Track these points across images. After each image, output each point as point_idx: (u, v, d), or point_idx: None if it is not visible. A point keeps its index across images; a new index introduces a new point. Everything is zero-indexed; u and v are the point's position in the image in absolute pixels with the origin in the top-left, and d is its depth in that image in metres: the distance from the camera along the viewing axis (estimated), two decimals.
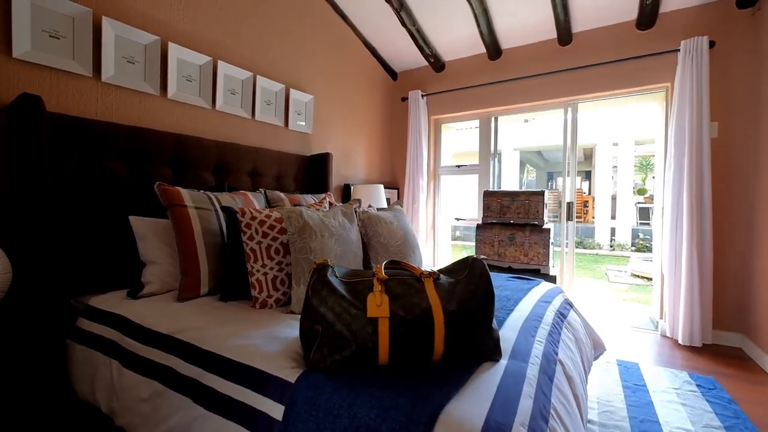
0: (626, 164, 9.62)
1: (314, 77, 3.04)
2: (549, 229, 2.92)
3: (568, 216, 3.28)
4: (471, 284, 0.95)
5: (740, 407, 1.83)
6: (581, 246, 9.50)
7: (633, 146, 9.68)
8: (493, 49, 3.43)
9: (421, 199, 3.79)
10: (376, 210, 2.09)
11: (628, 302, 4.42)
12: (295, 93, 2.79)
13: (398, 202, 2.19)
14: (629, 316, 3.44)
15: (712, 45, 2.58)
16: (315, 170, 2.86)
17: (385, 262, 1.03)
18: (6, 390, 1.18)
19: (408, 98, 3.88)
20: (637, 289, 5.27)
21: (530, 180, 14.75)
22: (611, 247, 9.40)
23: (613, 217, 9.90)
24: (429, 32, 3.40)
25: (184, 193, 1.62)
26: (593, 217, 10.51)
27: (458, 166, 3.98)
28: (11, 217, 1.43)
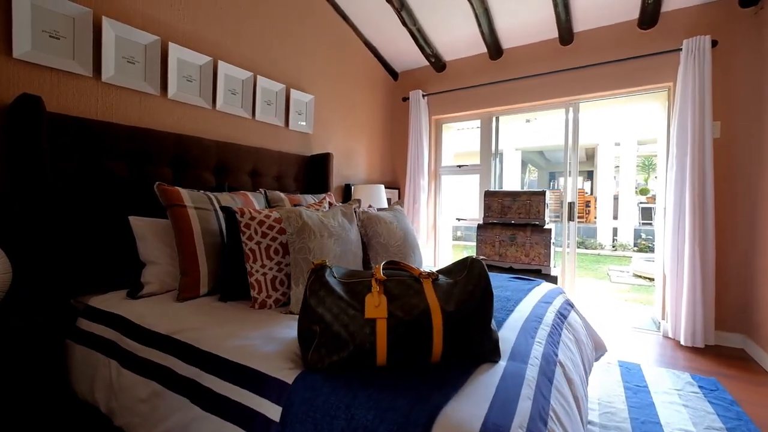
0: (628, 164, 9.59)
1: (315, 77, 3.03)
2: (550, 229, 2.91)
3: (570, 216, 3.27)
4: (470, 285, 0.94)
5: (743, 409, 1.82)
6: (583, 246, 9.47)
7: (635, 146, 9.65)
8: (494, 49, 3.42)
9: (422, 199, 3.79)
10: (377, 210, 2.08)
11: (630, 303, 4.40)
12: (296, 93, 2.79)
13: (398, 202, 2.18)
14: (631, 317, 3.42)
15: (714, 44, 2.56)
16: (315, 170, 2.86)
17: (384, 262, 1.03)
18: (6, 390, 1.18)
19: (409, 98, 3.87)
20: (639, 289, 5.24)
21: (532, 180, 14.71)
22: (613, 247, 9.37)
23: (616, 217, 9.86)
24: (430, 32, 3.39)
25: (184, 193, 1.62)
26: (595, 217, 10.47)
27: (459, 166, 3.97)
28: (11, 217, 1.43)
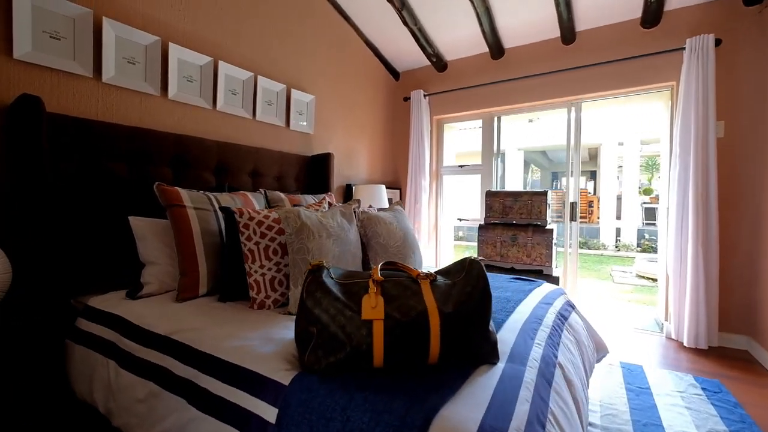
0: (632, 164, 9.53)
1: (315, 77, 3.03)
2: (552, 229, 2.89)
3: (572, 216, 3.25)
4: (468, 286, 0.94)
5: (746, 411, 1.80)
6: (586, 246, 9.42)
7: (638, 146, 9.58)
8: (496, 49, 3.41)
9: (423, 199, 3.78)
10: (377, 210, 2.08)
11: (632, 303, 4.37)
12: (297, 93, 2.79)
13: (398, 203, 2.17)
14: (634, 318, 3.40)
15: (718, 43, 2.54)
16: (316, 170, 2.86)
17: (382, 263, 1.02)
18: (6, 390, 1.18)
19: (410, 98, 3.86)
20: (642, 290, 5.21)
21: (535, 180, 14.66)
22: (616, 247, 9.32)
23: (619, 217, 9.81)
24: (431, 31, 3.38)
25: (183, 193, 1.61)
26: (598, 218, 10.42)
27: (461, 167, 3.96)
28: (11, 217, 1.43)
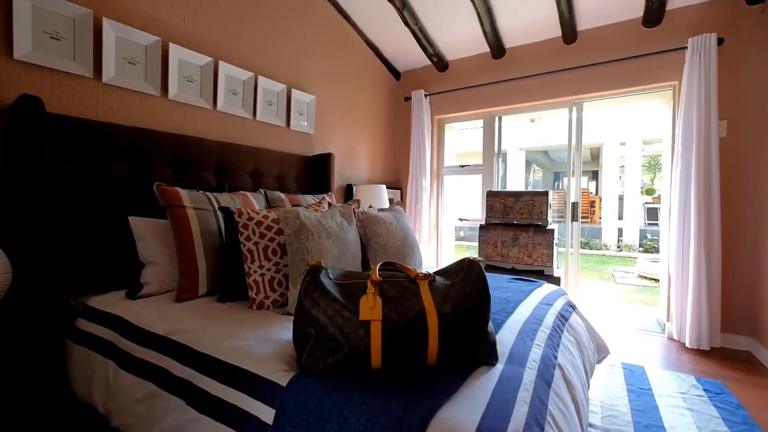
0: (634, 164, 9.50)
1: (316, 77, 3.03)
2: (553, 229, 2.88)
3: (573, 216, 3.24)
4: (466, 287, 0.93)
5: (748, 413, 1.79)
6: (588, 247, 9.40)
7: (641, 145, 9.56)
8: (497, 48, 3.40)
9: (424, 199, 3.77)
10: (377, 210, 2.07)
11: (634, 304, 4.35)
12: (297, 93, 2.78)
13: (398, 203, 2.17)
14: (635, 318, 3.38)
15: (720, 42, 2.52)
16: (317, 170, 2.85)
17: (380, 263, 1.02)
18: (5, 390, 1.18)
19: (411, 98, 3.86)
20: (644, 290, 5.19)
21: (536, 180, 14.63)
22: (618, 247, 9.29)
23: (621, 217, 9.78)
24: (432, 31, 3.37)
25: (183, 193, 1.61)
26: (600, 218, 10.39)
27: (462, 166, 3.95)
28: (11, 217, 1.44)
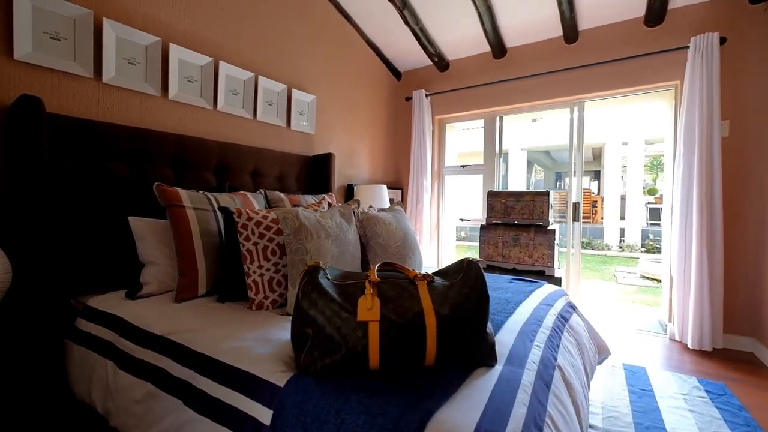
0: (636, 164, 9.46)
1: (316, 77, 3.03)
2: (554, 230, 2.87)
3: (575, 216, 3.23)
4: (465, 287, 0.93)
5: (751, 414, 1.78)
6: (590, 247, 9.37)
7: (643, 145, 9.52)
8: (498, 48, 3.39)
9: (425, 199, 3.76)
10: (377, 210, 2.07)
11: (636, 304, 4.34)
12: (298, 93, 2.78)
13: (398, 203, 2.16)
14: (637, 319, 3.37)
15: (722, 41, 2.51)
16: (317, 170, 2.85)
17: (379, 264, 1.01)
18: (5, 390, 1.19)
19: (412, 98, 3.85)
20: (645, 290, 5.17)
21: (538, 180, 14.60)
22: (620, 248, 9.26)
23: (623, 217, 9.74)
24: (433, 31, 3.37)
25: (183, 193, 1.61)
26: (602, 218, 10.35)
27: (463, 167, 3.94)
28: (11, 217, 1.44)
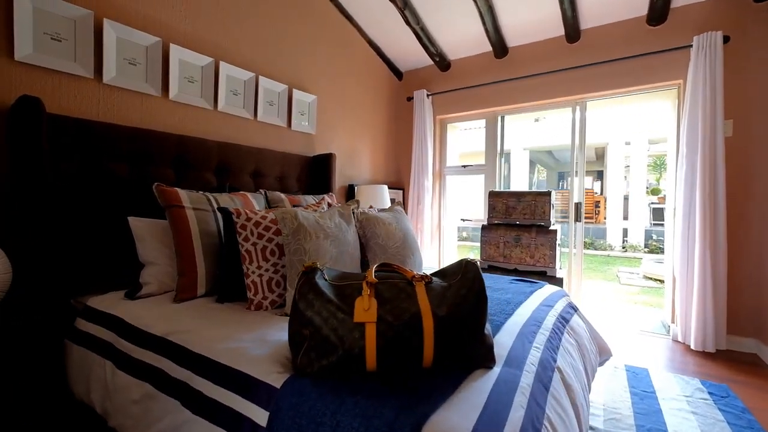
0: (639, 163, 9.40)
1: (317, 77, 3.03)
2: (556, 230, 2.86)
3: (577, 217, 3.21)
4: (463, 288, 0.92)
5: (754, 416, 1.76)
6: (592, 247, 9.32)
7: (646, 145, 9.46)
8: (499, 47, 3.38)
9: (426, 199, 3.75)
10: (377, 211, 2.06)
11: (639, 305, 4.31)
12: (298, 93, 2.78)
13: (398, 203, 2.16)
14: (640, 320, 3.35)
15: (726, 40, 2.49)
16: (318, 171, 2.85)
17: (377, 264, 1.01)
18: (5, 389, 1.19)
19: (413, 98, 3.85)
20: (648, 291, 5.14)
21: (541, 180, 14.54)
22: (623, 248, 9.20)
23: (626, 217, 9.68)
24: (434, 31, 3.36)
25: (182, 194, 1.61)
26: (605, 218, 10.30)
27: (464, 167, 3.93)
28: (11, 217, 1.44)
